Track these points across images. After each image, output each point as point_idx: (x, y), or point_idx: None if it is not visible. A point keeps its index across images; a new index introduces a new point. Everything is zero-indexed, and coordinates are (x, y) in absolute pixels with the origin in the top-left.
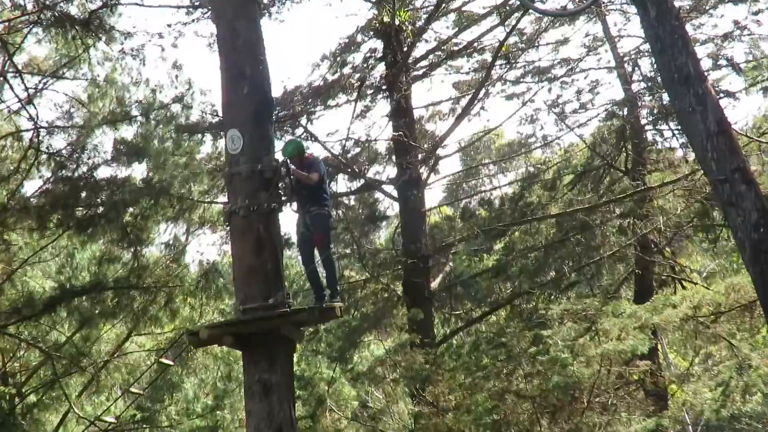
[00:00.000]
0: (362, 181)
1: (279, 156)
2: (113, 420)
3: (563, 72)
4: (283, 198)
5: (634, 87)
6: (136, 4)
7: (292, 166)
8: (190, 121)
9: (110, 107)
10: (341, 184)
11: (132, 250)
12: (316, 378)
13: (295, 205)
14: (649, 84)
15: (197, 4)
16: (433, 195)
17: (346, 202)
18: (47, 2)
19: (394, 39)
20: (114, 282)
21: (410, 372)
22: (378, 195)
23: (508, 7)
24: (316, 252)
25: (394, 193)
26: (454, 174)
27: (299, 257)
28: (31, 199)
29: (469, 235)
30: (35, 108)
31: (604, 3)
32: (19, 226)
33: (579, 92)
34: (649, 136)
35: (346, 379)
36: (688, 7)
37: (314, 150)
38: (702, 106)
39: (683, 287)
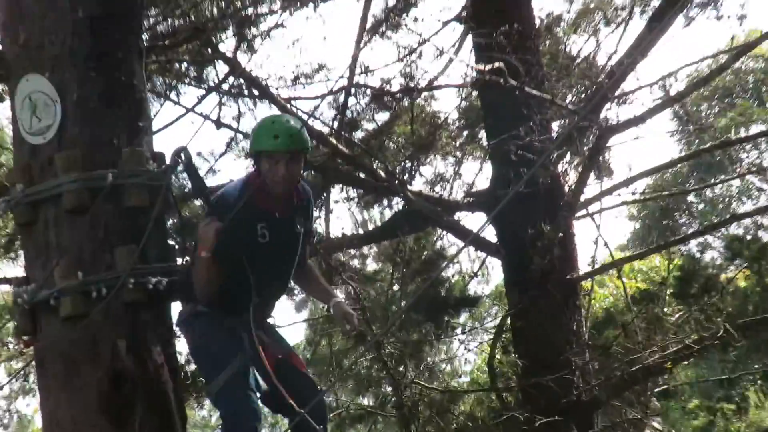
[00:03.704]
0: (395, 202)
1: (165, 145)
2: None
3: None
4: (182, 261)
5: None
6: None
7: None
8: None
9: None
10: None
11: None
12: None
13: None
14: None
15: None
16: (600, 232)
17: (357, 264)
18: None
19: None
20: None
21: None
22: (443, 237)
23: None
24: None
25: (491, 235)
26: (652, 173)
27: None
28: None
29: (703, 339)
30: None
31: None
32: None
33: None
34: None
35: None
36: None
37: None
38: None
39: None
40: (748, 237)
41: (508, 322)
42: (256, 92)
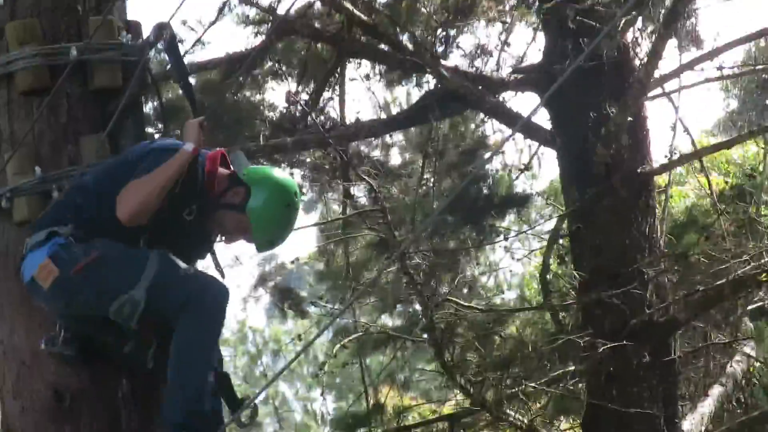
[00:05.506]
0: (426, 79)
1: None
2: None
3: None
4: None
5: None
6: None
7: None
8: None
9: None
10: None
11: None
12: None
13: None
14: None
15: None
16: (679, 115)
17: (378, 155)
18: None
19: None
20: None
21: None
22: (485, 122)
23: None
24: None
25: (544, 120)
26: (748, 41)
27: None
28: None
29: None
30: None
31: None
32: None
33: None
34: None
35: None
36: None
37: None
38: None
39: None
40: None
41: (565, 225)
42: None
